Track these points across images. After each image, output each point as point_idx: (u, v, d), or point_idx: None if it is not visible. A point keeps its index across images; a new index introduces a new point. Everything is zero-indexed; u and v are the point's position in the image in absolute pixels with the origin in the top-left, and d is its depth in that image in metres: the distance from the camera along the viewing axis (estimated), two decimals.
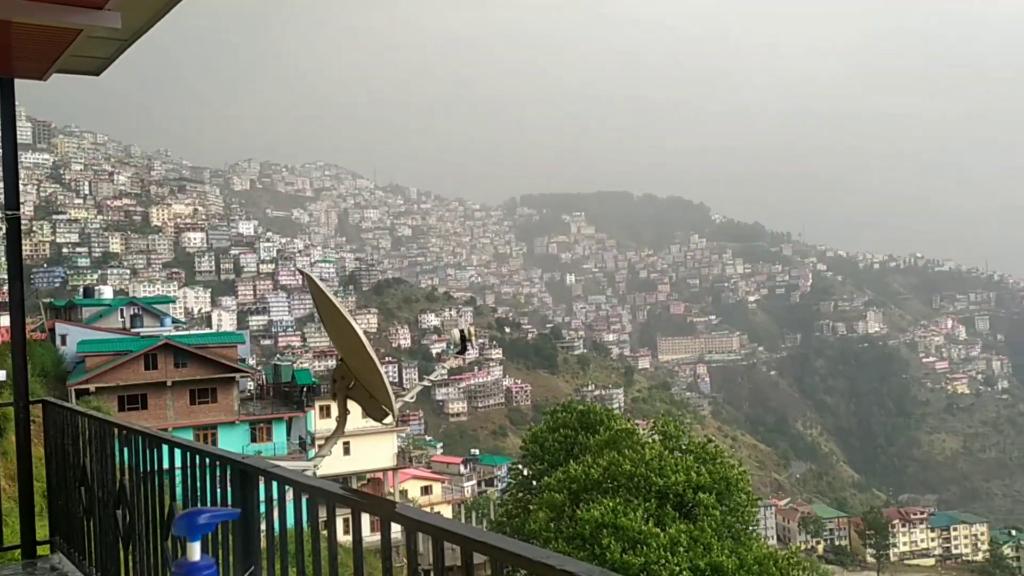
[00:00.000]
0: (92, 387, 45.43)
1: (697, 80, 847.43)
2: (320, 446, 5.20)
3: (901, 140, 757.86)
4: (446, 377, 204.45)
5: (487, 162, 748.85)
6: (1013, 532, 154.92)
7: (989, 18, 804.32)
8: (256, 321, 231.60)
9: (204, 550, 2.57)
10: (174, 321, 69.75)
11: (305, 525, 3.57)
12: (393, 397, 4.68)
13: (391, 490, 58.12)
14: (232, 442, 46.95)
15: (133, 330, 57.08)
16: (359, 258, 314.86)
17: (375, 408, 4.87)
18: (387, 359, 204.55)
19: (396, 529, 2.99)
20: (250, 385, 56.89)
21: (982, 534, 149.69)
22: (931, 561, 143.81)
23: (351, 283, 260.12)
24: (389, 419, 4.93)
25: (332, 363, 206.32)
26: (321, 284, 4.49)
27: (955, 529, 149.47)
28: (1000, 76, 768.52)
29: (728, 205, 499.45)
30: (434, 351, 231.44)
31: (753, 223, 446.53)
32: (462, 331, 5.44)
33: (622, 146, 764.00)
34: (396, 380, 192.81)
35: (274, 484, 3.82)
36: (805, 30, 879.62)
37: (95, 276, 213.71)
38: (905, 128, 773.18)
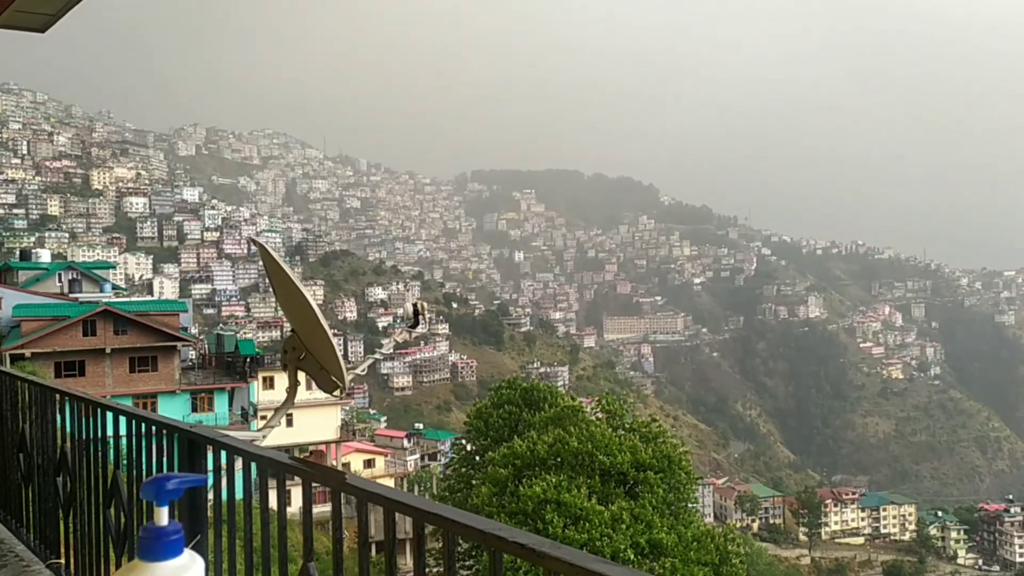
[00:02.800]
0: (28, 352, 44.38)
1: (651, 70, 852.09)
2: (268, 417, 5.14)
3: (846, 134, 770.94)
4: (393, 351, 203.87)
5: (439, 136, 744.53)
6: (939, 513, 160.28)
7: (937, 21, 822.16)
8: (199, 290, 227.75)
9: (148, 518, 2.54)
10: (114, 287, 68.29)
11: (254, 495, 3.53)
12: (345, 369, 4.66)
13: (333, 462, 57.95)
14: (172, 412, 46.27)
15: (71, 295, 55.77)
16: (306, 229, 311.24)
17: (325, 380, 4.82)
18: (333, 332, 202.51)
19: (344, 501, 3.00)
20: (192, 354, 56.11)
21: (910, 515, 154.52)
22: (860, 540, 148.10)
23: (298, 254, 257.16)
24: (338, 391, 4.90)
25: (276, 334, 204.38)
26: (274, 254, 4.43)
27: (884, 509, 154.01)
28: (942, 78, 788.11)
29: (677, 188, 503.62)
30: (380, 325, 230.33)
31: (701, 206, 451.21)
32: (415, 305, 5.38)
33: (573, 126, 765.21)
34: (342, 353, 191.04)
35: (223, 453, 3.75)
36: (758, 26, 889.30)
37: (32, 239, 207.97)
38: (849, 123, 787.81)
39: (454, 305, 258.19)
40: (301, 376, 4.91)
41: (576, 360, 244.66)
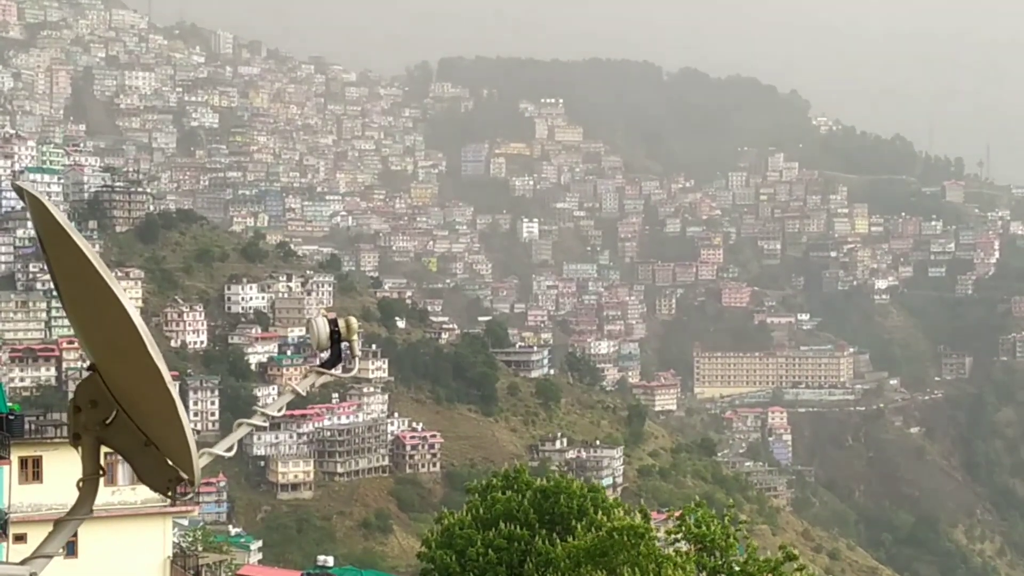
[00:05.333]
0: None
1: None
2: (42, 540, 5.16)
3: None
4: (282, 414, 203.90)
5: None
6: None
7: None
8: None
9: None
10: None
11: None
12: (194, 446, 4.67)
13: None
14: None
15: None
16: (111, 167, 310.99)
17: (153, 466, 4.80)
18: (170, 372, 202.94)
19: None
20: None
21: None
22: None
23: (94, 215, 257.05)
24: (175, 490, 4.90)
25: (52, 371, 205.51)
26: (57, 214, 4.49)
27: None
28: None
29: (844, 103, 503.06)
30: (254, 359, 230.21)
31: (892, 138, 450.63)
32: (331, 321, 5.42)
33: None
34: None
35: None
36: None
37: None
38: None
39: (400, 323, 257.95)
40: (104, 457, 4.93)
41: (640, 436, 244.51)
